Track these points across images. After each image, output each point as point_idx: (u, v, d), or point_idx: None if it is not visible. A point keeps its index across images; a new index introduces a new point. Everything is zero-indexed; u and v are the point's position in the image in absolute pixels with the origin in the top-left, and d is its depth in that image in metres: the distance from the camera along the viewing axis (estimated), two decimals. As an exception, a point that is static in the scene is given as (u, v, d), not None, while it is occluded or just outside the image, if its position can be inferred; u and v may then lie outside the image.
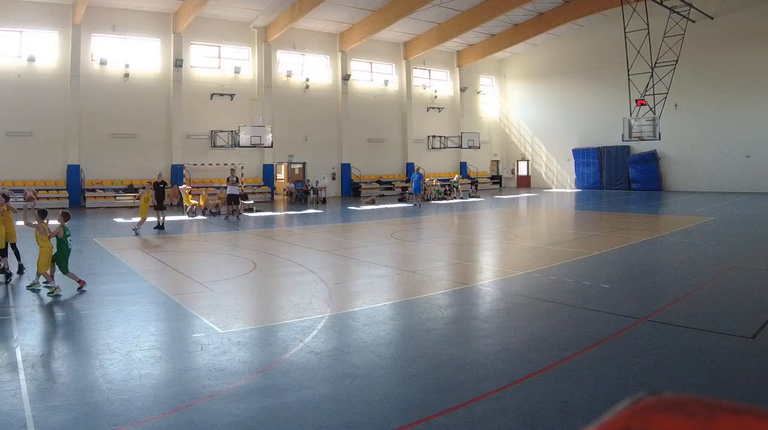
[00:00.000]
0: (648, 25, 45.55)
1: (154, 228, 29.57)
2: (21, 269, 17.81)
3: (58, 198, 42.31)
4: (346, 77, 57.92)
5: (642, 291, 15.87)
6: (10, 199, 18.42)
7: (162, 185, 31.46)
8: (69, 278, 15.35)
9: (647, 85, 47.21)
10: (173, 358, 10.47)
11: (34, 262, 15.50)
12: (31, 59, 44.10)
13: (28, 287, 15.71)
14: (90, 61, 46.31)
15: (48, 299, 14.38)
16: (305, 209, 44.35)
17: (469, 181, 62.37)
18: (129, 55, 47.73)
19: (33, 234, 15.74)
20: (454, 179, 57.25)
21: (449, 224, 35.37)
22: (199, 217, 35.89)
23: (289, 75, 55.14)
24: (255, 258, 21.28)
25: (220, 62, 52.43)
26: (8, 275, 16.39)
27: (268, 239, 22.44)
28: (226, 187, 37.34)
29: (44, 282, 14.28)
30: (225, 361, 10.10)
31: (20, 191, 34.70)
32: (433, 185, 53.73)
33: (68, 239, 15.56)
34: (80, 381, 9.28)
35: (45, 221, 15.48)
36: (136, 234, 27.40)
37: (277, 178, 57.32)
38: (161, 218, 30.47)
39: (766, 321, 12.13)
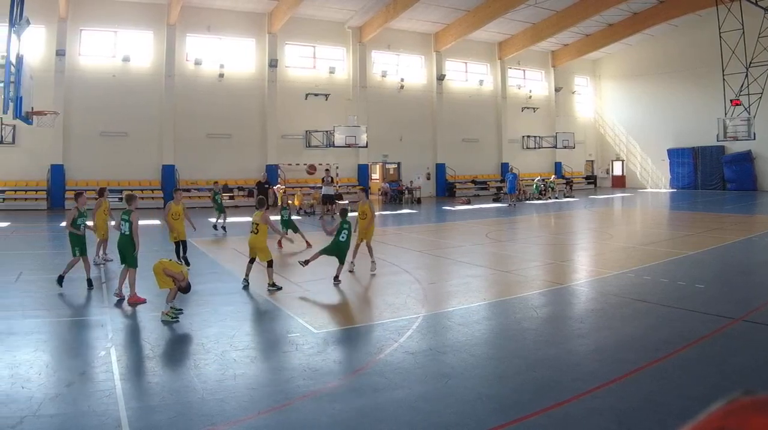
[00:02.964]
0: (743, 25, 44.69)
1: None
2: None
3: (153, 198, 43.03)
4: (440, 77, 57.68)
5: (737, 291, 15.67)
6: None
7: (266, 185, 31.70)
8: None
9: (742, 85, 46.22)
10: (268, 358, 10.68)
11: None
12: (126, 59, 44.95)
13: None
14: (185, 61, 47.05)
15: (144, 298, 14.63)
16: (400, 209, 44.52)
17: (564, 181, 61.72)
18: (224, 56, 48.23)
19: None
20: (550, 180, 56.86)
21: (544, 224, 35.29)
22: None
23: (383, 75, 55.15)
24: (349, 258, 21.33)
25: (315, 62, 52.64)
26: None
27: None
28: (320, 187, 37.48)
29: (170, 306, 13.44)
30: (320, 361, 10.24)
31: (118, 191, 35.48)
32: (534, 183, 53.49)
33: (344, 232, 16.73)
34: (175, 381, 9.54)
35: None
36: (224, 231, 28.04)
37: (372, 178, 57.34)
38: None
39: None
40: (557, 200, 50.33)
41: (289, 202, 36.03)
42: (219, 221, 28.99)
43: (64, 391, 8.78)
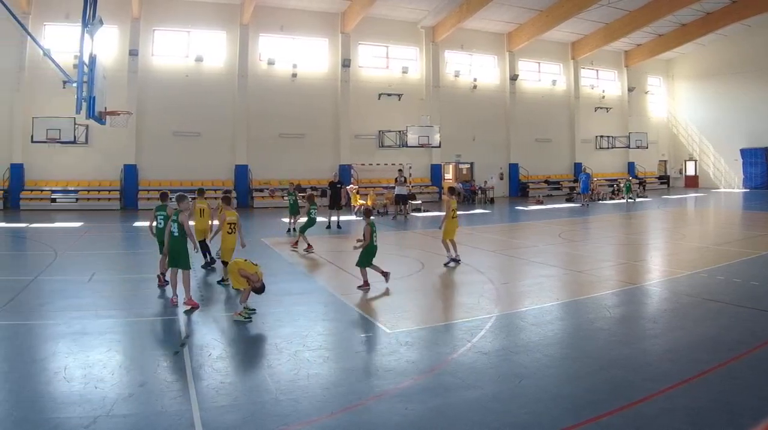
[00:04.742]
0: (817, 24, 43.97)
1: (326, 228, 30.20)
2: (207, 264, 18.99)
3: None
4: (513, 77, 57.63)
5: (814, 292, 15.39)
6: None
7: (338, 185, 31.80)
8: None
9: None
10: (341, 358, 10.71)
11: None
12: (199, 59, 45.67)
13: (218, 281, 16.68)
14: (258, 61, 47.52)
15: (217, 298, 14.93)
16: (473, 209, 44.36)
17: (637, 181, 61.08)
18: (296, 55, 48.62)
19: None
20: (625, 180, 56.24)
21: (616, 224, 34.93)
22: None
23: (456, 75, 55.10)
24: (422, 258, 21.54)
25: (388, 62, 52.85)
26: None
27: (435, 238, 22.43)
28: (394, 188, 37.55)
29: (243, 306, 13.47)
30: (393, 361, 10.29)
31: (192, 191, 35.76)
32: (625, 183, 53.06)
33: (375, 235, 16.39)
34: (248, 381, 9.65)
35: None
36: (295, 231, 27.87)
37: (445, 178, 57.15)
38: (336, 217, 31.21)
39: None
40: (630, 200, 49.78)
41: (361, 201, 36.20)
42: (291, 221, 28.93)
43: (137, 391, 8.90)
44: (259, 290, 13.21)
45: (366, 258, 16.21)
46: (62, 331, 11.91)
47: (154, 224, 16.04)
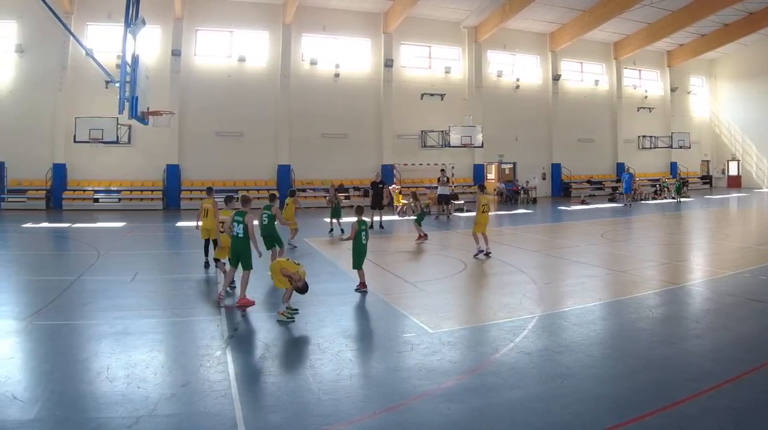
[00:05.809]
0: None
1: (369, 228, 29.95)
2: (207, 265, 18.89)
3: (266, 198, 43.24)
4: (556, 77, 57.43)
5: None
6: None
7: (381, 185, 31.82)
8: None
9: None
10: (383, 358, 10.74)
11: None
12: (242, 59, 45.87)
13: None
14: (300, 61, 47.69)
15: (260, 298, 14.86)
16: (515, 209, 44.42)
17: (680, 181, 60.56)
18: (339, 55, 48.76)
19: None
20: (666, 180, 56.18)
21: (659, 224, 34.72)
22: (410, 217, 36.24)
23: (499, 75, 54.96)
24: (465, 258, 21.42)
25: (431, 62, 52.79)
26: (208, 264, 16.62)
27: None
28: (436, 188, 37.53)
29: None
30: (435, 361, 10.28)
31: (234, 191, 35.99)
32: (673, 183, 53.10)
33: (363, 234, 16.23)
34: (290, 381, 9.68)
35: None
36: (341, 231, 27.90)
37: (488, 178, 57.26)
38: (379, 217, 31.30)
39: None
40: (673, 200, 49.58)
41: (404, 201, 36.18)
42: (333, 221, 28.94)
43: (179, 391, 8.97)
44: (302, 289, 13.20)
45: (358, 259, 16.14)
46: (105, 331, 12.02)
47: (236, 232, 15.81)
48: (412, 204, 28.12)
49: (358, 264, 16.10)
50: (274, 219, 18.25)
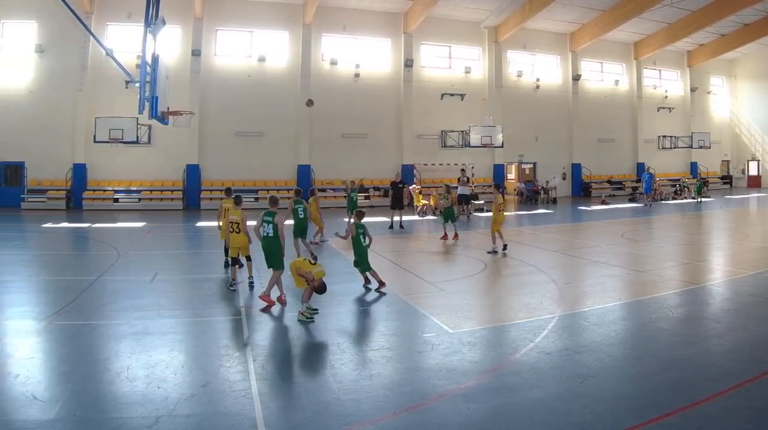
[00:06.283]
0: None
1: (388, 228, 30.36)
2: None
3: (288, 198, 43.12)
4: (576, 77, 57.30)
5: None
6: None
7: (400, 185, 31.79)
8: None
9: None
10: (404, 358, 10.73)
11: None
12: (262, 59, 46.01)
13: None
14: (320, 61, 47.75)
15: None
16: (535, 209, 44.35)
17: (700, 180, 60.37)
18: (359, 55, 48.84)
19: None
20: (686, 180, 56.05)
21: (679, 224, 34.64)
22: (430, 217, 36.20)
23: (519, 75, 54.88)
24: (485, 258, 21.46)
25: (451, 62, 52.77)
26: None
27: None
28: (456, 188, 37.61)
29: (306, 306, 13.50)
30: (455, 361, 10.28)
31: (254, 191, 36.03)
32: (694, 183, 52.94)
33: (361, 237, 16.25)
34: (310, 381, 9.74)
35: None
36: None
37: (508, 178, 57.28)
38: (399, 217, 31.22)
39: None
40: (693, 200, 49.47)
41: (424, 201, 36.16)
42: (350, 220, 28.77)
43: (199, 391, 9.00)
44: (320, 289, 13.18)
45: (361, 261, 16.23)
46: (125, 331, 12.07)
47: (266, 232, 15.64)
48: (442, 200, 27.97)
49: (363, 266, 16.19)
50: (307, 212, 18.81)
